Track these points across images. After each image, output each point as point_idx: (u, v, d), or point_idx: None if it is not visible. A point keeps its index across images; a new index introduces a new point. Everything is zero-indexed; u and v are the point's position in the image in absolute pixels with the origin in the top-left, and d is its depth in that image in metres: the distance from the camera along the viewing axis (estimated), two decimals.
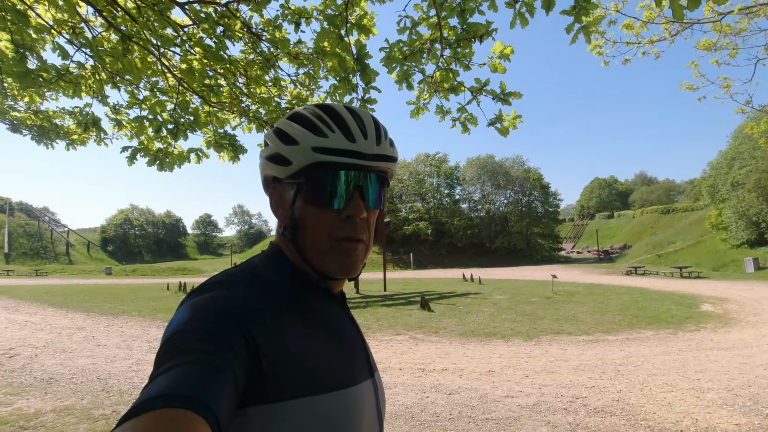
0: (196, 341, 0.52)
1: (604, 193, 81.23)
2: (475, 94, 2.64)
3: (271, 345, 0.57)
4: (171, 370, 0.48)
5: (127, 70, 2.32)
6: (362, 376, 0.70)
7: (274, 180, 0.75)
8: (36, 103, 3.01)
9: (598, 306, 12.05)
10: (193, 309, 0.57)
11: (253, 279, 0.66)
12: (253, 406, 0.56)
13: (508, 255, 45.99)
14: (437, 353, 7.03)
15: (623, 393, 4.90)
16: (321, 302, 0.72)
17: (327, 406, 0.60)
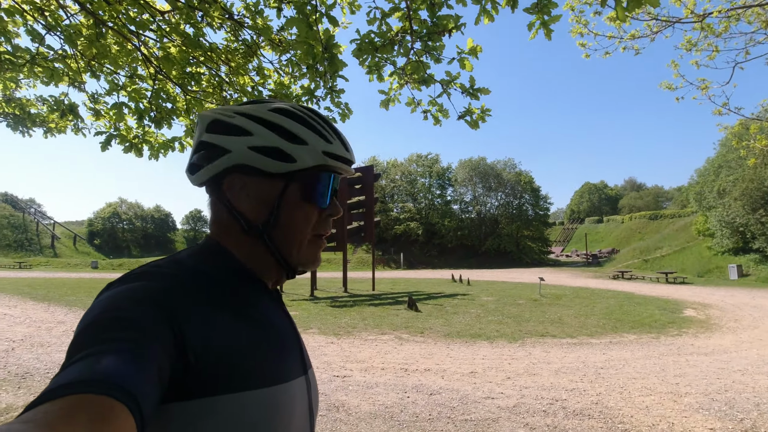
0: (117, 330, 0.48)
1: (594, 197, 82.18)
2: (446, 87, 2.65)
3: (199, 338, 0.55)
4: (88, 357, 0.45)
5: (103, 56, 2.27)
6: (295, 373, 0.68)
7: (242, 169, 0.69)
8: (10, 90, 2.94)
9: (583, 309, 12.16)
10: (114, 299, 0.54)
11: (181, 270, 0.63)
12: (175, 402, 0.53)
13: (498, 257, 46.26)
14: (421, 353, 7.03)
15: (602, 396, 4.94)
16: (255, 297, 0.70)
17: (254, 403, 0.58)
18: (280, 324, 0.71)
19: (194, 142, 0.74)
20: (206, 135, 0.71)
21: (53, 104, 2.99)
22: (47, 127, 3.49)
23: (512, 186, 50.97)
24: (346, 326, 9.44)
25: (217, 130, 0.70)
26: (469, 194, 53.04)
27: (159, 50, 2.58)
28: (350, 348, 7.41)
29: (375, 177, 20.35)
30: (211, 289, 0.63)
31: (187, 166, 0.74)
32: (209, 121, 0.71)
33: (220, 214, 0.73)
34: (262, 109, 0.73)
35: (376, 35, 2.36)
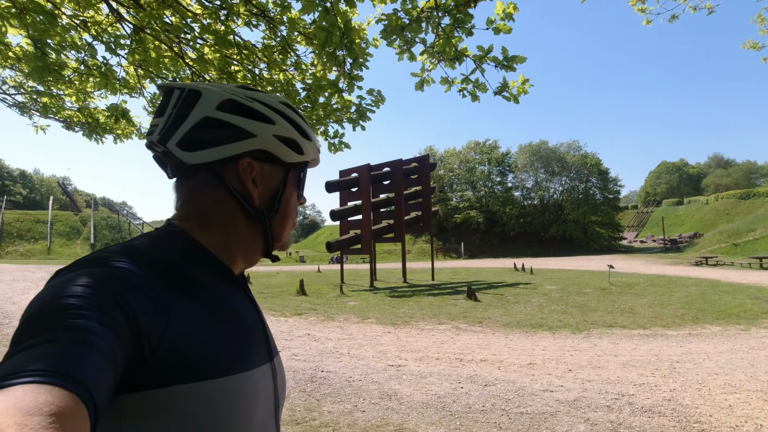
0: (66, 318, 0.45)
1: (672, 177, 75.44)
2: (478, 63, 2.52)
3: (154, 326, 0.52)
4: (33, 347, 0.42)
5: (146, 62, 2.44)
6: (259, 360, 0.67)
7: (259, 155, 0.71)
8: (81, 101, 3.26)
9: (659, 298, 11.24)
10: (64, 285, 0.50)
11: (137, 256, 0.59)
12: (129, 393, 0.51)
13: (564, 244, 44.06)
14: (478, 343, 6.89)
15: (676, 392, 4.54)
16: (217, 284, 0.67)
17: (213, 393, 0.56)
18: (244, 311, 0.70)
19: (189, 116, 0.68)
20: (218, 113, 0.68)
21: (109, 112, 3.28)
22: (115, 134, 3.82)
23: (577, 169, 48.14)
24: (404, 316, 9.49)
25: (235, 111, 0.69)
26: (531, 180, 50.92)
27: (194, 52, 2.71)
28: (406, 337, 7.44)
29: (431, 166, 20.14)
30: (168, 276, 0.60)
31: (177, 140, 0.67)
32: (221, 100, 0.69)
33: (208, 197, 0.70)
34: (274, 100, 0.75)
35: (403, 11, 2.29)
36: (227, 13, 2.44)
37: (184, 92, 0.70)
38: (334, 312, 10.14)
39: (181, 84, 0.72)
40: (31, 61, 2.16)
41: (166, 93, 0.72)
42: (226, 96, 0.69)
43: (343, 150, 3.46)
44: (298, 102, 3.05)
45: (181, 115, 0.68)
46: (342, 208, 17.74)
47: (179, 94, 0.70)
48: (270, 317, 9.62)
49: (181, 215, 0.72)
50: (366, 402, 4.35)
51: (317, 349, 6.67)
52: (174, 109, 0.69)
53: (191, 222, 0.70)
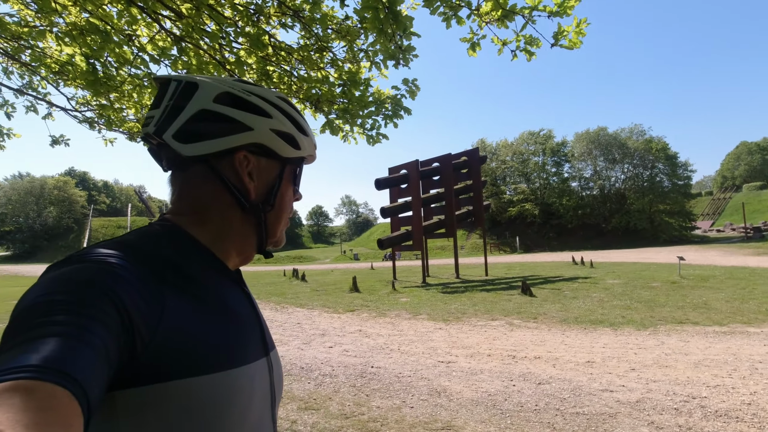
0: (58, 314, 0.45)
1: (754, 159, 68.40)
2: (528, 17, 2.40)
3: (147, 321, 0.52)
4: (24, 343, 0.42)
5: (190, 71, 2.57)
6: (254, 355, 0.67)
7: (255, 149, 0.71)
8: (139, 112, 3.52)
9: (738, 292, 10.22)
10: (55, 281, 0.50)
11: (128, 252, 0.59)
12: (123, 389, 0.51)
13: (627, 236, 41.38)
14: (532, 340, 6.65)
15: (758, 395, 4.11)
16: (212, 279, 0.67)
17: (208, 388, 0.56)
18: (238, 306, 0.69)
19: (186, 108, 0.67)
20: (215, 105, 0.68)
21: None
22: None
23: (641, 155, 44.96)
24: (456, 312, 9.36)
25: (232, 104, 0.69)
26: (589, 169, 48.30)
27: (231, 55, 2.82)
28: (458, 334, 7.34)
29: (481, 159, 19.69)
30: (160, 271, 0.59)
31: (173, 132, 0.67)
32: (218, 92, 0.69)
33: (203, 190, 0.70)
34: (271, 94, 0.75)
35: None
36: (258, 16, 2.52)
37: (181, 84, 0.69)
38: (386, 308, 10.22)
39: (178, 76, 0.72)
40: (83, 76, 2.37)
41: (162, 85, 0.71)
42: (223, 89, 0.69)
43: (381, 141, 3.45)
44: (334, 97, 3.10)
45: (177, 107, 0.68)
46: (392, 205, 17.80)
47: (176, 86, 0.69)
48: (323, 314, 9.88)
49: (175, 209, 0.72)
50: (415, 398, 4.34)
51: (368, 345, 6.75)
52: (170, 101, 0.68)
53: (185, 216, 0.70)
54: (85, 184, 75.49)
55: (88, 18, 2.54)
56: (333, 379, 5.04)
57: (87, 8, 2.30)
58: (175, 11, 2.39)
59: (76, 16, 2.83)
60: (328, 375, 5.22)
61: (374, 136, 3.55)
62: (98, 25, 2.29)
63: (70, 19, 2.65)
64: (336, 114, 3.24)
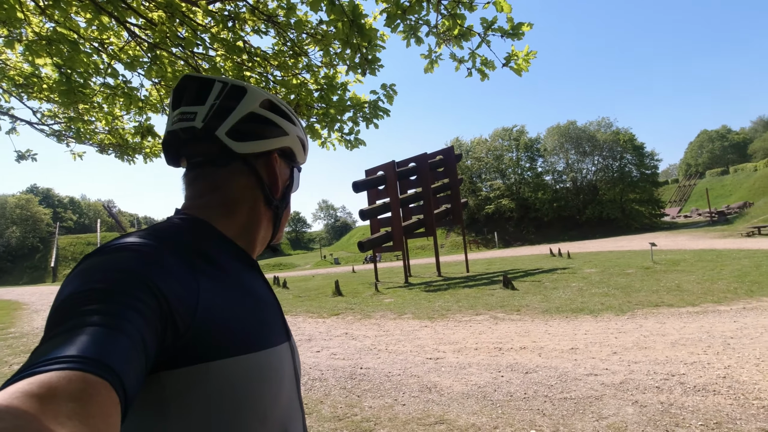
0: (95, 303, 0.46)
1: (715, 146, 71.48)
2: (483, 36, 2.48)
3: (185, 304, 0.54)
4: (63, 333, 0.43)
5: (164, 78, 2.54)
6: (279, 339, 0.70)
7: (283, 152, 0.81)
8: (110, 123, 3.43)
9: (708, 274, 10.67)
10: (93, 270, 0.51)
11: (161, 241, 0.61)
12: (165, 370, 0.53)
13: (601, 226, 42.58)
14: (517, 332, 6.77)
15: (732, 369, 4.31)
16: (237, 267, 0.70)
17: (246, 368, 0.60)
18: (262, 292, 0.73)
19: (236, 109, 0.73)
20: (261, 110, 0.76)
21: (136, 129, 3.44)
22: (144, 153, 4.00)
23: (610, 147, 46.37)
24: (440, 309, 9.45)
25: (274, 111, 0.78)
26: (562, 162, 49.48)
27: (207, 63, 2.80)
28: (444, 330, 7.41)
29: (457, 158, 19.92)
30: (192, 259, 0.62)
31: (226, 130, 0.72)
32: (263, 99, 0.77)
33: (238, 185, 0.74)
34: (290, 106, 0.87)
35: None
36: (234, 21, 2.51)
37: (227, 86, 0.74)
38: (371, 310, 10.22)
39: (223, 78, 0.77)
40: (57, 86, 2.31)
41: (203, 84, 0.75)
42: (265, 96, 0.78)
43: (359, 147, 3.48)
44: (313, 101, 3.10)
45: (226, 107, 0.73)
46: (371, 207, 17.83)
47: (221, 87, 0.74)
48: (308, 319, 9.80)
49: (199, 203, 0.74)
50: (406, 395, 4.37)
51: (355, 347, 6.74)
52: (216, 99, 0.73)
53: (213, 209, 0.73)
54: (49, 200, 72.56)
55: (55, 27, 2.48)
56: (323, 383, 5.02)
57: (54, 18, 2.24)
58: (146, 18, 2.35)
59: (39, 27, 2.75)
60: (318, 379, 5.19)
61: (352, 141, 3.57)
62: (66, 34, 2.23)
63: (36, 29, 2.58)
64: (316, 118, 3.25)
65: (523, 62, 2.57)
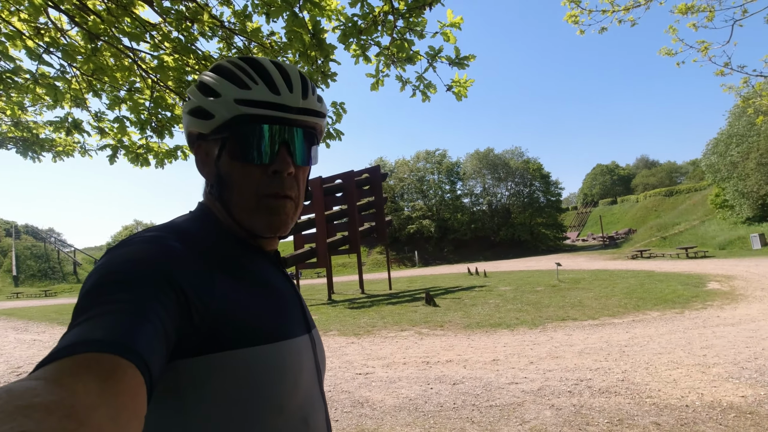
0: (118, 291, 0.48)
1: (606, 179, 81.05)
2: (431, 61, 2.67)
3: (201, 296, 0.55)
4: (92, 319, 0.45)
5: (100, 70, 2.33)
6: (298, 330, 0.70)
7: (198, 137, 0.71)
8: (17, 116, 3.03)
9: (603, 291, 12.00)
10: (115, 261, 0.53)
11: (178, 234, 0.62)
12: (182, 359, 0.54)
13: (513, 247, 45.89)
14: (442, 346, 7.01)
15: (628, 373, 4.87)
16: (252, 260, 0.70)
17: (262, 358, 0.60)
18: (279, 284, 0.72)
19: None
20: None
21: (58, 123, 3.08)
22: (56, 151, 3.58)
23: (521, 174, 50.54)
24: (366, 326, 9.46)
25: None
26: (479, 186, 52.75)
27: (154, 59, 2.63)
28: (371, 346, 7.43)
29: (382, 176, 20.31)
30: (207, 250, 0.63)
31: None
32: None
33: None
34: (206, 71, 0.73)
35: (359, 18, 2.38)
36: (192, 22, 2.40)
37: None
38: None
39: None
40: None
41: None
42: None
43: None
44: None
45: None
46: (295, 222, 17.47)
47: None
48: None
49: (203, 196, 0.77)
50: (338, 411, 4.30)
51: None
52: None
53: (207, 202, 0.75)
54: None
55: None
56: None
57: None
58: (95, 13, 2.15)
59: None
60: None
61: None
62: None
63: None
64: None
65: (463, 89, 2.77)
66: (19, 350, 8.86)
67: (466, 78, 2.78)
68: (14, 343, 9.83)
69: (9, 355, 8.34)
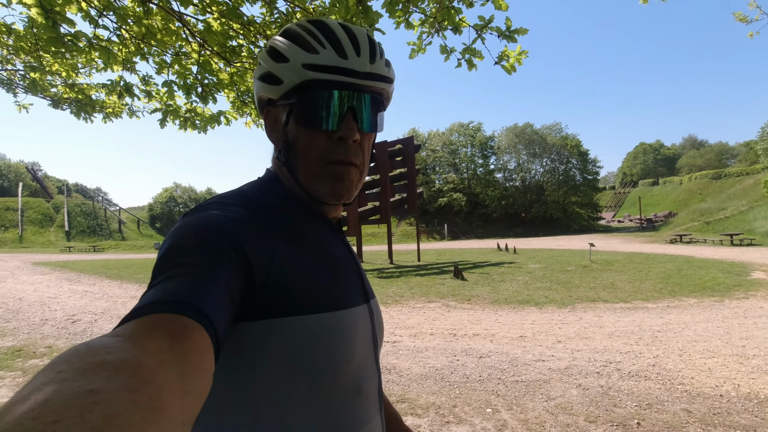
0: (189, 255, 0.52)
1: (648, 158, 77.35)
2: (480, 32, 2.56)
3: (263, 263, 0.58)
4: (165, 281, 0.48)
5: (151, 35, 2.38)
6: (357, 300, 0.71)
7: (268, 102, 0.72)
8: (72, 77, 3.17)
9: (638, 274, 11.67)
10: (187, 227, 0.57)
11: (244, 201, 0.66)
12: (245, 321, 0.57)
13: (544, 225, 44.96)
14: (469, 319, 7.08)
15: (660, 358, 4.79)
16: (315, 227, 0.72)
17: (318, 326, 0.62)
18: (339, 253, 0.73)
19: None
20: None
21: (111, 87, 3.20)
22: (106, 113, 3.73)
23: (558, 151, 48.84)
24: (394, 295, 9.62)
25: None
26: (513, 162, 51.44)
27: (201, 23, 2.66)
28: (399, 315, 7.58)
29: (415, 148, 20.11)
30: (270, 218, 0.65)
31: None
32: None
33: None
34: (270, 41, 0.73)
35: None
36: None
37: None
38: None
39: None
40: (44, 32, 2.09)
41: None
42: None
43: None
44: None
45: None
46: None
47: None
48: None
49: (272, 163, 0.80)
50: None
51: None
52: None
53: (275, 168, 0.78)
54: None
55: None
56: None
57: None
58: None
59: None
60: None
61: None
62: None
63: None
64: None
65: (517, 61, 2.66)
66: (73, 300, 9.57)
67: (519, 49, 2.65)
68: (68, 293, 10.61)
69: (65, 304, 9.03)
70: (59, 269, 16.28)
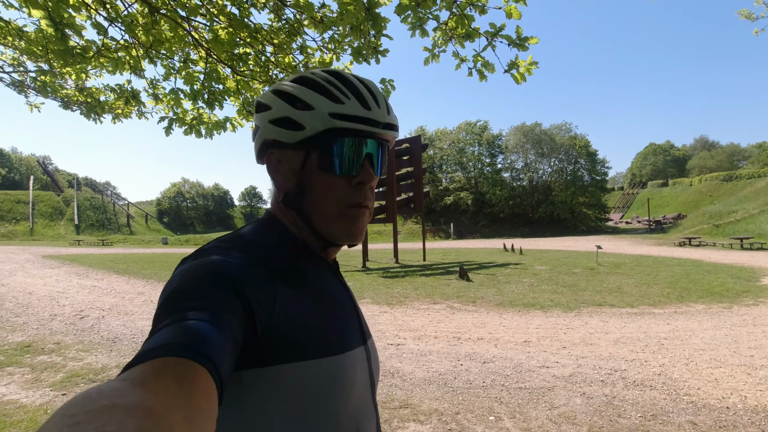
0: (192, 300, 0.53)
1: (658, 159, 76.54)
2: (491, 39, 2.55)
3: (264, 308, 0.59)
4: (170, 325, 0.49)
5: (158, 43, 2.40)
6: (354, 342, 0.72)
7: (273, 144, 0.73)
8: (82, 81, 3.20)
9: (645, 278, 11.56)
10: (189, 272, 0.58)
11: (245, 245, 0.67)
12: (246, 369, 0.58)
13: (551, 225, 44.72)
14: (473, 322, 7.06)
15: (666, 367, 4.75)
16: (314, 269, 0.72)
17: (318, 372, 0.62)
18: (338, 295, 0.74)
19: None
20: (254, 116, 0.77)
21: (118, 92, 3.22)
22: (114, 114, 3.76)
23: (566, 151, 48.47)
24: (399, 296, 9.63)
25: (256, 110, 0.77)
26: (521, 161, 51.15)
27: (208, 32, 2.67)
28: (403, 317, 7.58)
29: (423, 147, 20.05)
30: (271, 262, 0.66)
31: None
32: (256, 103, 0.77)
33: (273, 188, 0.78)
34: (286, 81, 0.75)
35: None
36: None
37: None
38: None
39: None
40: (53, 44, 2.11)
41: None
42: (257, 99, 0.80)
43: None
44: None
45: None
46: None
47: None
48: None
49: (271, 205, 0.81)
50: None
51: None
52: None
53: (275, 210, 0.79)
54: None
55: None
56: None
57: None
58: None
59: None
60: None
61: None
62: None
63: None
64: None
65: (525, 70, 2.64)
66: (82, 295, 9.68)
67: (530, 60, 2.63)
68: (77, 288, 10.74)
69: (73, 299, 9.14)
70: (68, 263, 16.48)
